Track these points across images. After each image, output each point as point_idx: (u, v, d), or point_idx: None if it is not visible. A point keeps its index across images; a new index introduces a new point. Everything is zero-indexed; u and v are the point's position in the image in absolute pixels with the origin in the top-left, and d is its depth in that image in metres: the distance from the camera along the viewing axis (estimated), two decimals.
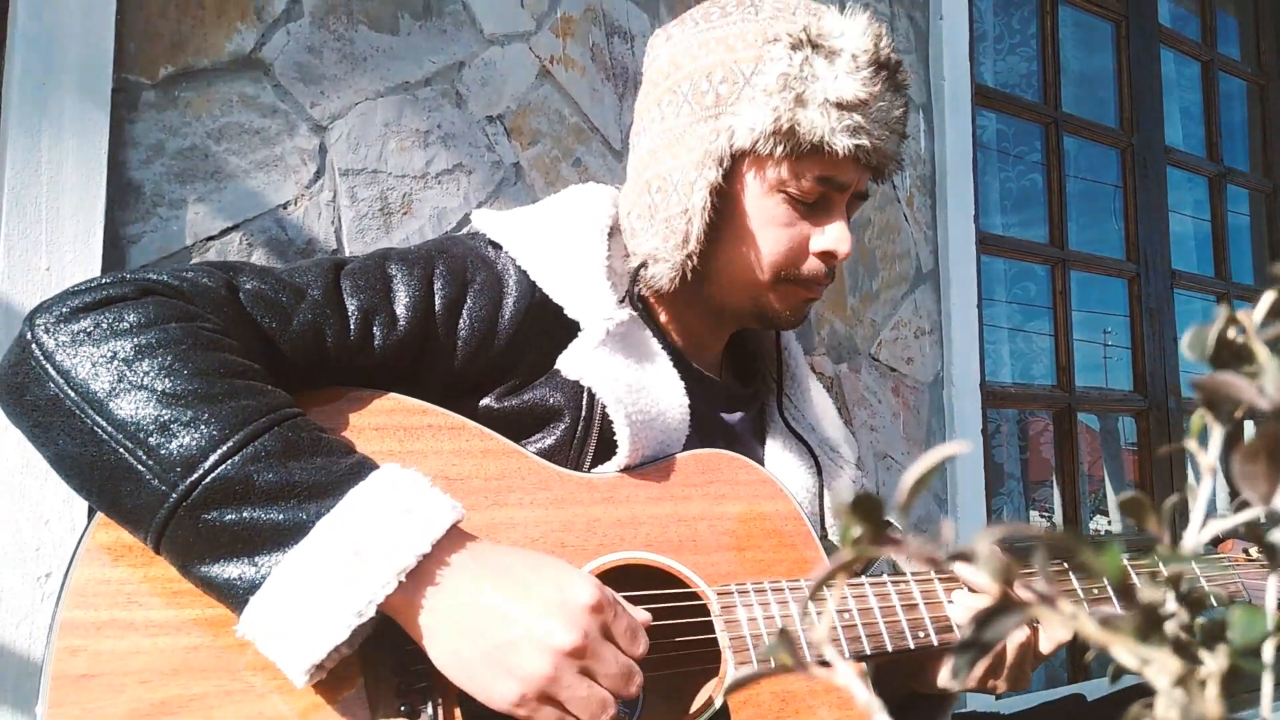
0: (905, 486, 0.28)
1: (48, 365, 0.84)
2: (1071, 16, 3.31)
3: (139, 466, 0.81)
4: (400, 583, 0.82)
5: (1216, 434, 0.33)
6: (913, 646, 1.04)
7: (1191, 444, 0.34)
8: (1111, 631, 0.26)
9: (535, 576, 0.86)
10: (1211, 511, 0.33)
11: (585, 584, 0.86)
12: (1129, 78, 3.31)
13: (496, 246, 1.13)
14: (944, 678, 1.11)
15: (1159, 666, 0.26)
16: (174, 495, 0.81)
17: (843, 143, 1.07)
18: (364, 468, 0.87)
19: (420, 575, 0.83)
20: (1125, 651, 0.26)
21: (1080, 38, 3.42)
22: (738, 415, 1.26)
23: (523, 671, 0.82)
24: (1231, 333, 0.33)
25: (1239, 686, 0.29)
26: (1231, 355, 0.32)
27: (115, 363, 0.84)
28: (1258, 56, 3.85)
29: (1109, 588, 1.17)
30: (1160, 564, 0.28)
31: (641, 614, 0.91)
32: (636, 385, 1.08)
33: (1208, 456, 0.33)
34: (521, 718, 0.83)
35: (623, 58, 2.05)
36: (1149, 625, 0.26)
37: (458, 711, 0.88)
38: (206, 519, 0.81)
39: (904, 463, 2.51)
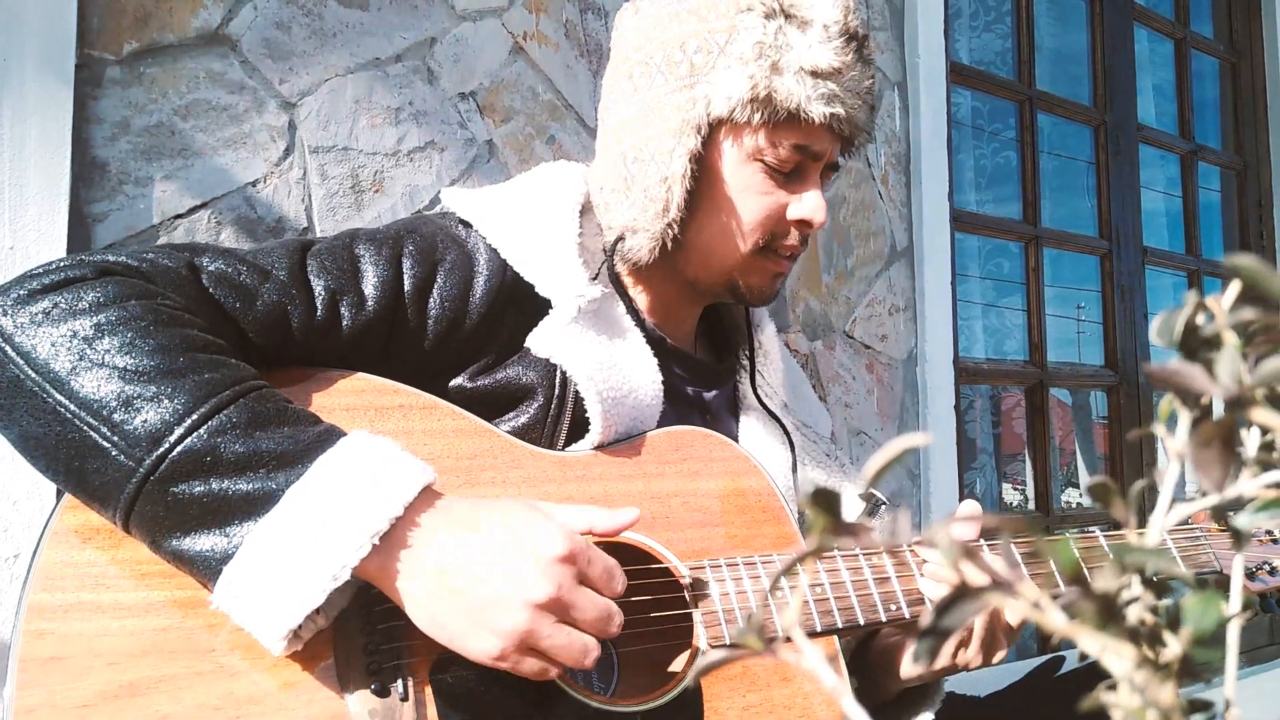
0: (869, 473, 0.28)
1: (6, 347, 0.83)
2: None
3: (104, 443, 0.81)
4: (374, 545, 0.82)
5: (1184, 419, 0.33)
6: (884, 619, 1.05)
7: (1159, 429, 0.34)
8: (1071, 620, 0.26)
9: (507, 532, 0.86)
10: (1180, 493, 0.33)
11: (557, 535, 0.86)
12: (1103, 55, 3.32)
13: (467, 225, 1.12)
14: (906, 663, 1.12)
15: (1117, 653, 0.26)
16: (141, 470, 0.80)
17: (819, 110, 1.08)
18: (332, 435, 0.87)
19: (393, 538, 0.83)
20: (1085, 638, 0.26)
21: (1055, 15, 3.42)
22: (713, 391, 1.27)
23: (500, 627, 0.82)
24: (1200, 318, 0.33)
25: (1201, 669, 0.29)
26: (1200, 342, 0.32)
27: (75, 341, 0.83)
28: (1230, 35, 3.86)
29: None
30: (1126, 555, 0.28)
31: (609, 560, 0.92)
32: (608, 362, 1.08)
33: (1175, 442, 0.33)
34: (507, 670, 0.84)
35: (596, 34, 2.03)
36: (1108, 612, 0.26)
37: (428, 689, 0.88)
38: (175, 492, 0.81)
39: (878, 439, 2.52)
